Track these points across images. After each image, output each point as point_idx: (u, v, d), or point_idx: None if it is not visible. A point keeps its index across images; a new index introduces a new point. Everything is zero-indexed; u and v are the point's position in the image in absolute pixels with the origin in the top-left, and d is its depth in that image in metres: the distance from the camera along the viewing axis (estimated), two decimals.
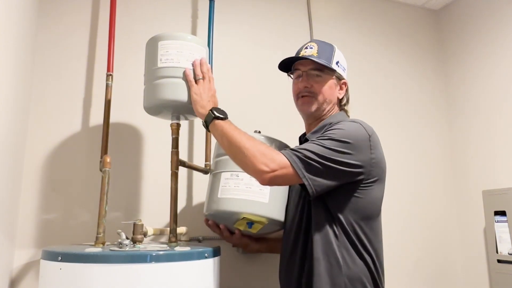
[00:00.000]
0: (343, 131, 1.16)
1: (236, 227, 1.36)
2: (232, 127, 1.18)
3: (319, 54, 1.31)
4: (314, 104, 1.31)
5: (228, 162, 1.33)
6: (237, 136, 1.15)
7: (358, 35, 2.13)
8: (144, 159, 1.63)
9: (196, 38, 1.37)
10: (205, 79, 1.28)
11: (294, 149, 1.14)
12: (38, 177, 1.48)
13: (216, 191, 1.33)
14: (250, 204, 1.28)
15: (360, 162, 1.15)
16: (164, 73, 1.29)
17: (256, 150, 1.11)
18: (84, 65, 1.61)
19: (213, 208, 1.34)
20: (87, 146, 1.55)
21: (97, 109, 1.57)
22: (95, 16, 1.66)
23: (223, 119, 1.20)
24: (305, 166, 1.10)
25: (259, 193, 1.29)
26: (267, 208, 1.30)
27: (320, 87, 1.31)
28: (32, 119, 1.51)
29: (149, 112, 1.38)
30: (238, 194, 1.29)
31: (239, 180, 1.30)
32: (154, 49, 1.32)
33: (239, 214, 1.29)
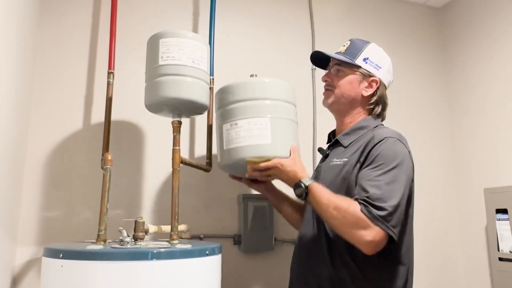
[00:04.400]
0: (389, 154, 1.15)
1: (248, 173, 1.32)
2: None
3: (346, 50, 1.33)
4: (331, 97, 1.33)
5: (227, 113, 1.33)
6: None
7: (359, 33, 2.12)
8: (146, 156, 1.63)
9: (198, 36, 1.37)
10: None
11: (369, 201, 1.08)
12: (39, 175, 1.49)
13: (222, 143, 1.34)
14: (253, 148, 1.27)
15: (411, 177, 1.18)
16: (165, 71, 1.29)
17: (348, 219, 1.09)
18: (85, 63, 1.61)
19: (223, 162, 1.35)
20: (89, 144, 1.55)
21: (99, 107, 1.58)
22: (96, 14, 1.66)
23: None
24: (388, 222, 1.07)
25: (260, 136, 1.28)
26: (270, 147, 1.28)
27: (338, 80, 1.32)
28: (34, 117, 1.51)
29: (150, 110, 1.39)
30: (240, 141, 1.28)
31: (238, 128, 1.29)
32: (155, 47, 1.32)
33: (244, 160, 1.28)
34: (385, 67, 1.35)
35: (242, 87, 1.33)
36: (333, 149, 1.35)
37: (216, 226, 1.68)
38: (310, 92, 1.96)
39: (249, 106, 1.30)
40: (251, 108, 1.30)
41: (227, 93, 1.35)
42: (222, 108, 1.35)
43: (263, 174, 1.29)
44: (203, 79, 1.34)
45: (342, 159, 1.25)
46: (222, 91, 1.37)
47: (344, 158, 1.25)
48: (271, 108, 1.31)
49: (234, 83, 1.35)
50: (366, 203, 1.08)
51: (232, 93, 1.33)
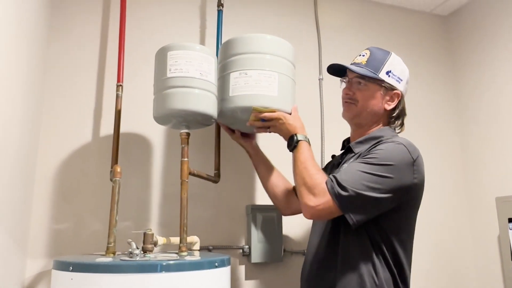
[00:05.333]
0: (386, 153, 1.16)
1: (250, 121, 1.38)
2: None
3: (368, 62, 1.31)
4: (353, 111, 1.33)
5: (235, 62, 1.37)
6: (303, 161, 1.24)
7: (366, 42, 2.11)
8: (154, 168, 1.64)
9: (205, 48, 1.39)
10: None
11: (338, 180, 1.13)
12: (49, 187, 1.50)
13: (227, 90, 1.37)
14: (261, 98, 1.33)
15: (402, 186, 1.15)
16: (173, 83, 1.31)
17: (306, 181, 1.18)
18: (95, 76, 1.64)
19: (226, 106, 1.37)
20: (98, 156, 1.57)
21: (108, 119, 1.59)
22: (105, 27, 1.69)
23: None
24: (347, 200, 1.11)
25: (268, 88, 1.34)
26: (276, 100, 1.35)
27: (361, 95, 1.31)
28: (44, 130, 1.53)
29: (158, 122, 1.40)
30: (249, 90, 1.33)
31: (248, 77, 1.34)
32: (163, 60, 1.33)
33: (251, 107, 1.33)
34: (405, 79, 1.36)
35: (255, 40, 1.39)
36: (345, 156, 1.36)
37: (224, 237, 1.68)
38: (317, 102, 1.97)
39: (260, 58, 1.37)
40: (261, 61, 1.36)
41: (238, 43, 1.39)
42: (231, 57, 1.39)
43: (265, 124, 1.36)
44: (210, 90, 1.35)
45: (348, 162, 1.27)
46: (233, 42, 1.40)
47: (351, 160, 1.27)
48: (279, 64, 1.38)
49: (246, 35, 1.41)
50: (334, 178, 1.14)
51: (244, 44, 1.38)
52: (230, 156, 1.69)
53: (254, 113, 1.34)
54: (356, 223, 1.12)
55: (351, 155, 1.31)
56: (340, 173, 1.16)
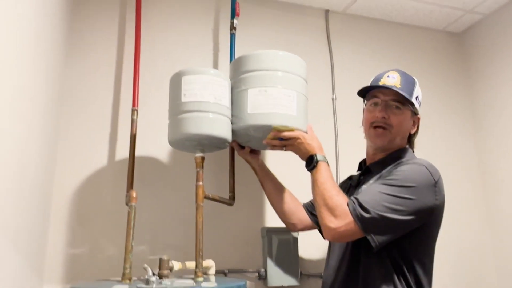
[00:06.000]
0: (407, 175, 1.16)
1: (267, 140, 1.39)
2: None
3: (402, 85, 1.28)
4: (388, 137, 1.30)
5: (252, 79, 1.37)
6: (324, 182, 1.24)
7: (379, 61, 2.14)
8: (169, 192, 1.65)
9: (218, 72, 1.41)
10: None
11: (360, 201, 1.13)
12: (65, 211, 1.52)
13: (245, 107, 1.36)
14: (280, 116, 1.34)
15: (424, 208, 1.15)
16: (188, 108, 1.32)
17: (327, 202, 1.17)
18: (110, 100, 1.66)
19: (243, 123, 1.37)
20: (113, 180, 1.58)
21: (123, 144, 1.61)
22: (120, 51, 1.72)
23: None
24: (369, 222, 1.11)
25: (287, 106, 1.35)
26: (295, 119, 1.36)
27: (397, 120, 1.29)
28: (60, 155, 1.56)
29: (173, 146, 1.42)
30: (269, 108, 1.33)
31: (268, 95, 1.34)
32: (177, 84, 1.35)
33: (270, 126, 1.34)
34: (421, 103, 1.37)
35: (273, 57, 1.40)
36: (364, 177, 1.35)
37: (240, 260, 1.67)
38: (331, 122, 1.97)
39: (279, 77, 1.37)
40: (281, 79, 1.37)
41: (255, 59, 1.39)
42: (246, 73, 1.39)
43: (282, 143, 1.37)
44: (225, 114, 1.37)
45: (367, 184, 1.27)
46: (249, 58, 1.40)
47: (370, 181, 1.26)
48: (297, 83, 1.39)
49: (263, 51, 1.42)
50: (355, 200, 1.14)
51: (262, 60, 1.39)
52: (244, 178, 1.68)
53: (273, 132, 1.35)
54: (379, 245, 1.12)
55: (370, 176, 1.31)
56: (361, 195, 1.16)
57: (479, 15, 2.20)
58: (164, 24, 1.81)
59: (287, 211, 1.51)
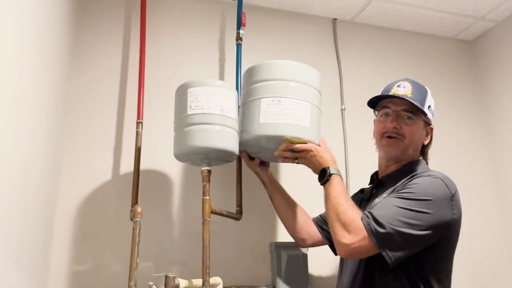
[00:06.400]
0: (423, 188, 1.14)
1: (278, 151, 1.38)
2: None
3: (413, 95, 1.27)
4: (400, 147, 1.28)
5: (265, 88, 1.36)
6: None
7: (389, 70, 2.11)
8: (175, 207, 1.63)
9: (225, 84, 1.40)
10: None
11: (374, 216, 1.11)
12: (69, 227, 1.50)
13: (256, 117, 1.35)
14: (294, 128, 1.33)
15: (441, 222, 1.12)
16: (194, 120, 1.32)
17: (341, 217, 1.15)
18: (115, 113, 1.66)
19: (253, 133, 1.35)
20: (118, 194, 1.57)
21: (128, 157, 1.60)
22: (125, 63, 1.72)
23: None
24: (385, 238, 1.08)
25: (301, 118, 1.34)
26: (308, 131, 1.35)
27: (409, 130, 1.27)
28: (64, 169, 1.54)
29: (179, 159, 1.41)
30: (282, 118, 1.32)
31: (281, 105, 1.33)
32: (183, 96, 1.35)
33: (283, 137, 1.32)
34: (434, 113, 1.35)
35: (288, 67, 1.39)
36: (376, 190, 1.33)
37: (248, 276, 1.64)
38: (340, 134, 1.95)
39: (294, 87, 1.36)
40: (295, 90, 1.36)
41: (269, 69, 1.39)
42: (259, 82, 1.38)
43: (294, 155, 1.35)
44: (232, 126, 1.36)
45: (380, 197, 1.24)
46: (262, 67, 1.40)
47: (384, 195, 1.24)
48: (311, 94, 1.39)
49: (277, 60, 1.41)
50: (369, 215, 1.11)
51: (275, 70, 1.38)
52: (252, 192, 1.67)
53: (285, 143, 1.33)
54: (394, 261, 1.09)
55: (383, 190, 1.28)
56: (375, 209, 1.14)
57: (491, 22, 2.17)
58: (170, 35, 1.81)
59: (296, 225, 1.48)
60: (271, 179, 1.54)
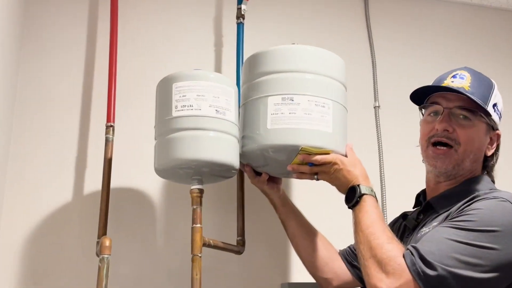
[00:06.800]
0: (487, 215, 1.11)
1: (293, 165, 1.37)
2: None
3: (472, 88, 1.25)
4: (453, 158, 1.26)
5: (275, 83, 1.35)
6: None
7: (439, 56, 2.12)
8: (156, 238, 1.63)
9: (221, 77, 1.41)
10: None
11: (420, 253, 1.08)
12: (15, 266, 1.49)
13: (262, 120, 1.33)
14: (312, 134, 1.31)
15: (510, 262, 1.09)
16: (181, 124, 1.31)
17: (376, 253, 1.13)
18: (77, 115, 1.65)
19: (262, 142, 1.33)
20: (80, 221, 1.56)
21: (94, 172, 1.59)
22: (90, 51, 1.72)
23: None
24: (436, 282, 1.05)
25: (321, 121, 1.32)
26: (331, 138, 1.33)
27: (465, 134, 1.25)
28: (8, 186, 1.53)
29: (162, 176, 1.40)
30: (296, 122, 1.31)
31: (295, 105, 1.31)
32: (167, 94, 1.34)
33: (298, 146, 1.30)
34: (502, 115, 1.33)
35: (301, 53, 1.37)
36: (423, 216, 1.31)
37: None
38: (373, 138, 1.95)
39: (310, 80, 1.34)
40: (313, 84, 1.34)
41: (277, 57, 1.37)
42: (264, 75, 1.37)
43: (313, 169, 1.34)
44: (230, 132, 1.36)
45: (430, 226, 1.22)
46: (267, 55, 1.39)
47: (434, 223, 1.22)
48: (334, 89, 1.37)
49: (287, 46, 1.39)
50: (415, 251, 1.08)
51: (286, 58, 1.37)
52: (258, 217, 1.67)
53: (301, 155, 1.32)
54: None
55: (433, 216, 1.26)
56: (422, 243, 1.11)
57: None
58: (149, 12, 1.81)
59: (318, 261, 1.48)
60: (283, 200, 1.53)
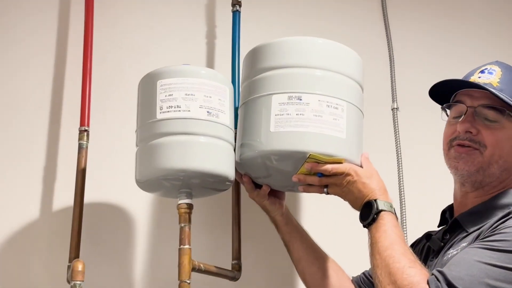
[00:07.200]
0: None
1: (299, 175, 1.37)
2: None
3: (502, 84, 1.27)
4: (477, 161, 1.27)
5: (279, 79, 1.36)
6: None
7: (469, 49, 2.15)
8: (136, 261, 1.63)
9: (214, 73, 1.43)
10: None
11: (448, 278, 1.08)
12: None
13: (265, 123, 1.34)
14: (322, 140, 1.31)
15: None
16: (166, 128, 1.32)
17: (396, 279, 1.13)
18: (46, 117, 1.65)
19: (264, 148, 1.33)
20: (49, 243, 1.56)
21: (65, 185, 1.58)
22: (61, 42, 1.72)
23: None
24: None
25: (334, 124, 1.32)
26: (344, 145, 1.34)
27: (493, 137, 1.27)
28: None
29: (144, 188, 1.41)
30: (304, 125, 1.30)
31: (303, 106, 1.31)
32: (151, 92, 1.35)
33: (306, 153, 1.30)
34: None
35: (311, 47, 1.39)
36: (450, 236, 1.32)
37: None
38: (391, 143, 1.97)
39: (321, 78, 1.35)
40: (324, 82, 1.35)
41: (283, 50, 1.38)
42: (268, 71, 1.38)
43: (324, 181, 1.34)
44: (224, 137, 1.37)
45: (458, 248, 1.23)
46: (272, 47, 1.40)
47: (462, 243, 1.23)
48: (349, 89, 1.39)
49: (296, 38, 1.42)
50: (441, 276, 1.07)
51: (293, 52, 1.38)
52: (257, 237, 1.69)
53: (309, 163, 1.32)
54: None
55: (462, 235, 1.27)
56: (449, 267, 1.11)
57: None
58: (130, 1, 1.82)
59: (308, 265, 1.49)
60: (287, 218, 1.53)
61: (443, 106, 1.38)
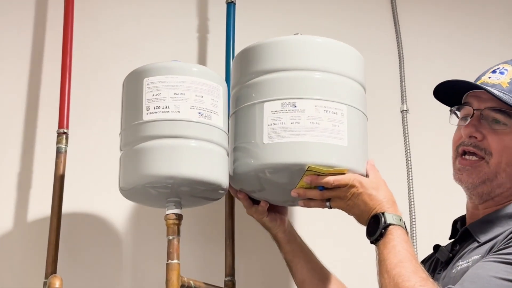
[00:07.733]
0: None
1: (298, 189, 1.37)
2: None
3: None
4: (481, 172, 1.29)
5: (273, 84, 1.36)
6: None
7: (487, 48, 2.15)
8: (120, 277, 1.63)
9: (206, 70, 1.44)
10: None
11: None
12: None
13: (258, 134, 1.34)
14: (321, 150, 1.32)
15: None
16: (154, 131, 1.32)
17: None
18: (20, 118, 1.65)
19: (257, 162, 1.34)
20: (23, 257, 1.56)
21: (41, 193, 1.57)
22: (38, 37, 1.73)
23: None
24: None
25: (333, 132, 1.32)
26: (346, 154, 1.34)
27: (499, 143, 1.28)
28: None
29: (128, 197, 1.42)
30: (300, 135, 1.31)
31: (298, 113, 1.32)
32: (137, 91, 1.35)
33: (304, 166, 1.30)
34: None
35: (308, 47, 1.39)
36: (460, 247, 1.32)
37: None
38: (400, 148, 1.98)
39: (319, 81, 1.36)
40: (322, 85, 1.36)
41: (275, 51, 1.39)
42: (265, 74, 1.38)
43: (324, 194, 1.35)
44: (217, 141, 1.37)
45: (469, 260, 1.23)
46: (263, 48, 1.41)
47: (474, 256, 1.23)
48: (350, 91, 1.39)
49: (292, 37, 1.42)
50: None
51: (289, 53, 1.38)
52: (253, 252, 1.70)
53: (308, 176, 1.32)
54: None
55: (473, 246, 1.27)
56: (463, 284, 1.11)
57: None
58: None
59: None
60: (290, 235, 1.54)
61: (452, 109, 1.40)
